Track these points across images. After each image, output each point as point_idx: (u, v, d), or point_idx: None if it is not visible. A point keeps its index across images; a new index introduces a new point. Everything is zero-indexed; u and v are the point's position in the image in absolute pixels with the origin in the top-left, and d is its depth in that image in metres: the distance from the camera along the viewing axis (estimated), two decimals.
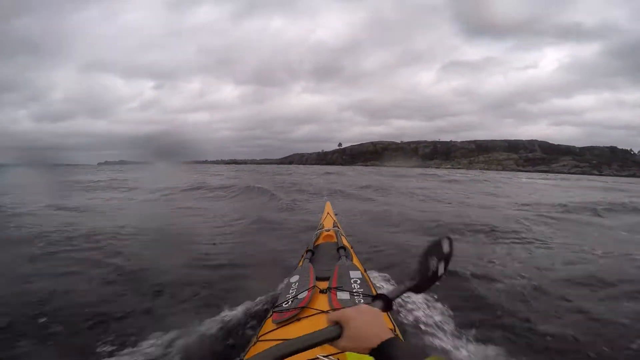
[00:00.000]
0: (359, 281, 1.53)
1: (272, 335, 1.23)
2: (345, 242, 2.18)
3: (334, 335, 0.59)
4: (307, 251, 2.07)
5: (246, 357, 1.15)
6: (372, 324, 0.59)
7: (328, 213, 3.08)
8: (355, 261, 1.93)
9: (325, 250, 2.11)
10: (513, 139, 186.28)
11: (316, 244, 2.30)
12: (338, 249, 2.01)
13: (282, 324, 1.27)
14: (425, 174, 27.95)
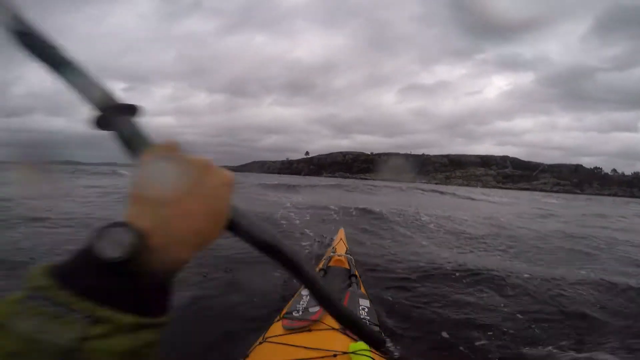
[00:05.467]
0: (366, 309, 1.64)
1: (281, 339, 1.30)
2: (356, 272, 2.28)
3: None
4: (319, 270, 2.21)
5: (250, 356, 1.23)
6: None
7: (341, 239, 3.19)
8: (363, 290, 2.02)
9: (337, 274, 2.24)
10: (484, 154, 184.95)
11: (329, 265, 2.40)
12: (350, 276, 2.12)
13: (292, 331, 1.36)
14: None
